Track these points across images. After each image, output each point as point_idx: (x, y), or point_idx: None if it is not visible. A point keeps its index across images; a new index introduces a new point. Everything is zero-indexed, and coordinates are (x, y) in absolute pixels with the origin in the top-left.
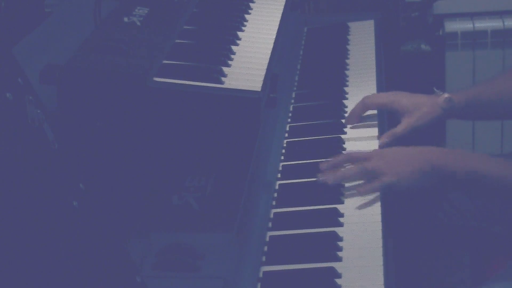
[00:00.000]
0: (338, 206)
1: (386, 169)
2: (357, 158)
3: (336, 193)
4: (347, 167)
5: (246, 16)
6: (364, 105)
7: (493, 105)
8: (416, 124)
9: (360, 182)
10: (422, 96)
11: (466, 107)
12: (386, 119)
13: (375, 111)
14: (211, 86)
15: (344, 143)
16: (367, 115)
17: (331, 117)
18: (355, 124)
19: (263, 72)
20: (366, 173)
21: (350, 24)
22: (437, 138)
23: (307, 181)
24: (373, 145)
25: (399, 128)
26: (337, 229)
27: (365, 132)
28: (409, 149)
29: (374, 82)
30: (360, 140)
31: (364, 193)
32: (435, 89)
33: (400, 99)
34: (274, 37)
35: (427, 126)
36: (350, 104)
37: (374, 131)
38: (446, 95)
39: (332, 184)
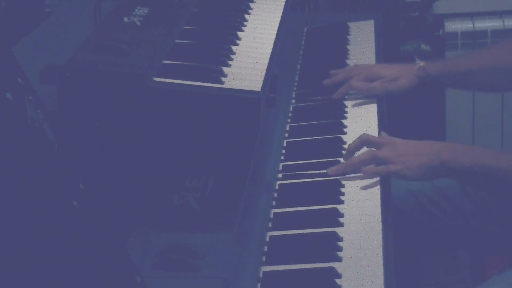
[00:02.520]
0: (338, 206)
1: (396, 158)
2: (370, 141)
3: (336, 193)
4: (357, 155)
5: (246, 16)
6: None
7: (471, 77)
8: (388, 86)
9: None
10: (400, 66)
11: (442, 76)
12: (386, 121)
13: (375, 112)
14: (211, 86)
15: (344, 143)
16: (368, 114)
17: (331, 117)
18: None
19: (263, 72)
20: (376, 161)
21: (350, 24)
22: (436, 138)
23: (307, 181)
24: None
25: (373, 84)
26: (337, 229)
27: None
28: (420, 142)
29: None
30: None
31: (368, 174)
32: (416, 58)
33: (380, 70)
34: (274, 37)
35: (402, 93)
36: (350, 104)
37: (374, 131)
38: (421, 63)
39: (343, 170)
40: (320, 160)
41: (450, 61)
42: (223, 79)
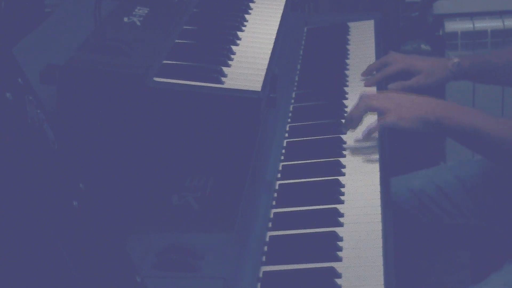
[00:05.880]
0: (338, 206)
1: (392, 109)
2: (368, 96)
3: (336, 193)
4: (353, 109)
5: (246, 16)
6: (383, 64)
7: (499, 72)
8: (425, 82)
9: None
10: (434, 59)
11: (473, 71)
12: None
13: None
14: (211, 86)
15: (344, 143)
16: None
17: (331, 117)
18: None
19: (263, 72)
20: (372, 110)
21: (350, 24)
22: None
23: (307, 181)
24: (373, 145)
25: (409, 82)
26: (337, 229)
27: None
28: (416, 96)
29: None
30: (360, 141)
31: (367, 134)
32: (447, 52)
33: (416, 62)
34: (274, 37)
35: (435, 85)
36: (350, 104)
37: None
38: (456, 59)
39: (350, 127)
40: (320, 160)
41: (483, 57)
42: (223, 79)
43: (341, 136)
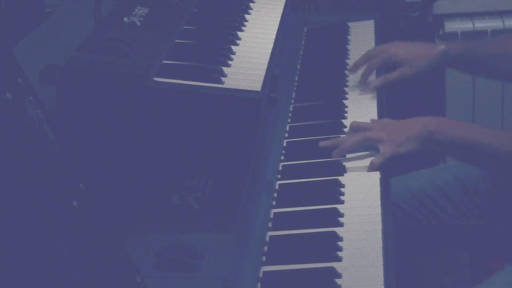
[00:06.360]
0: (338, 206)
1: (386, 137)
2: (359, 127)
3: (336, 193)
4: (349, 138)
5: (246, 16)
6: (367, 59)
7: (487, 62)
8: (409, 73)
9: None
10: (419, 47)
11: (460, 58)
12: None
13: (375, 112)
14: (211, 86)
15: None
16: (368, 114)
17: (331, 117)
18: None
19: (263, 72)
20: (367, 142)
21: (350, 24)
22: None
23: (307, 181)
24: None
25: (393, 75)
26: (337, 229)
27: None
28: (409, 119)
29: None
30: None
31: (372, 169)
32: (436, 39)
33: (399, 52)
34: (274, 37)
35: (421, 75)
36: (350, 104)
37: None
38: (442, 46)
39: (337, 156)
40: (320, 160)
41: (470, 45)
42: (223, 79)
43: (341, 136)
